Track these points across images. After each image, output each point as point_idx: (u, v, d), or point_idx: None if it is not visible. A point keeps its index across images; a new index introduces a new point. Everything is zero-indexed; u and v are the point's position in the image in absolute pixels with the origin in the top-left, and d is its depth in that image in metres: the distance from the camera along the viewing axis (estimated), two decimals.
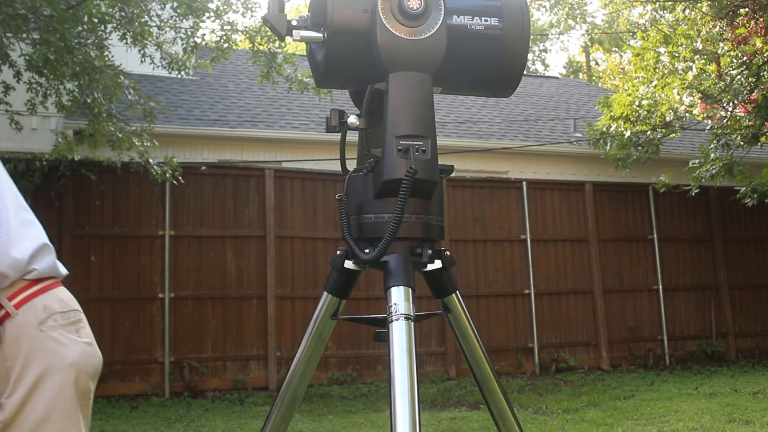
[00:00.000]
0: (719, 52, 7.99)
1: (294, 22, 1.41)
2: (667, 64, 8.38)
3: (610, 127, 9.07)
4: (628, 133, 8.81)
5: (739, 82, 7.89)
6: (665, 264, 9.43)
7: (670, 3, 8.89)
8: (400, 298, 1.32)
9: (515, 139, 10.78)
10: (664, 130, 8.85)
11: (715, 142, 8.26)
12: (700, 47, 8.03)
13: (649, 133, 8.87)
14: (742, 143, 8.10)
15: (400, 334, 1.28)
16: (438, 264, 1.45)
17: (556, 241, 9.03)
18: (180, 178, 7.25)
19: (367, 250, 1.37)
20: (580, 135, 11.03)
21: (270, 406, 1.58)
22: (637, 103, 8.64)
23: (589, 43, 26.22)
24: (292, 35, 1.41)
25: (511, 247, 8.81)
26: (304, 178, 8.12)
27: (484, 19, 1.43)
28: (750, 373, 8.25)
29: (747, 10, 7.46)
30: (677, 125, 8.81)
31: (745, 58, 7.76)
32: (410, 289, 1.33)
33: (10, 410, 1.45)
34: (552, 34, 26.92)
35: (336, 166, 3.00)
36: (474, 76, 1.50)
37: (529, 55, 25.40)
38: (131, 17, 6.61)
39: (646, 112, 8.65)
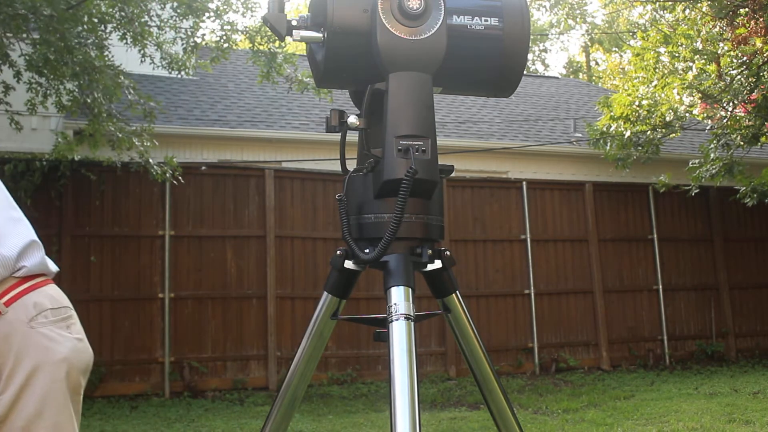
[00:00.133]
0: (719, 52, 7.99)
1: (294, 22, 1.41)
2: (667, 64, 8.38)
3: (610, 127, 9.08)
4: (628, 133, 8.82)
5: (739, 82, 7.89)
6: (665, 264, 9.43)
7: (670, 3, 8.88)
8: (400, 298, 1.32)
9: (515, 139, 10.78)
10: (664, 130, 8.86)
11: (715, 142, 8.26)
12: (700, 47, 8.03)
13: (649, 133, 8.87)
14: (742, 143, 8.10)
15: (400, 334, 1.28)
16: (438, 264, 1.45)
17: (556, 241, 9.03)
18: (180, 178, 7.25)
19: (367, 250, 1.37)
20: (580, 135, 11.03)
21: (270, 406, 1.58)
22: (637, 103, 8.64)
23: (589, 43, 26.22)
24: (292, 35, 1.41)
25: (511, 247, 8.81)
26: (304, 178, 8.12)
27: (484, 19, 1.43)
28: (750, 373, 8.25)
29: (747, 10, 7.46)
30: (677, 125, 8.82)
31: (745, 58, 7.76)
32: (410, 289, 1.33)
33: (3, 407, 1.46)
34: (552, 34, 26.92)
35: (336, 166, 3.00)
36: (474, 76, 1.50)
37: (529, 55, 25.39)
38: (131, 17, 6.61)
39: (646, 112, 8.65)
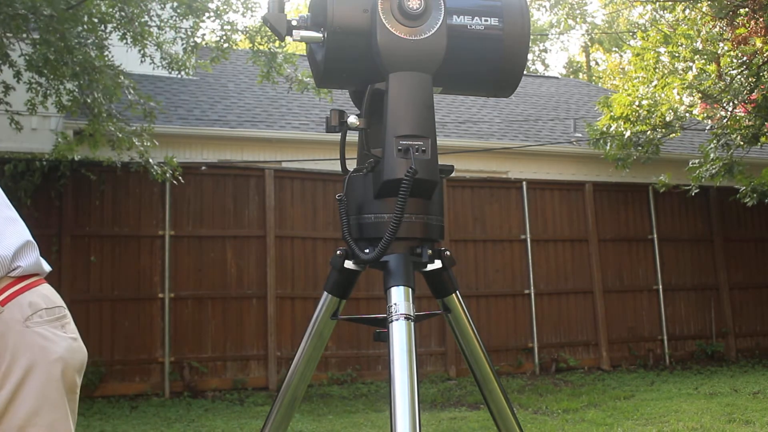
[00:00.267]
0: (719, 52, 7.99)
1: (294, 22, 1.41)
2: (667, 64, 8.38)
3: (610, 127, 9.08)
4: (628, 133, 8.82)
5: (739, 82, 7.89)
6: (665, 264, 9.43)
7: (670, 3, 8.88)
8: (400, 298, 1.32)
9: (515, 139, 10.78)
10: (664, 130, 8.85)
11: (715, 142, 8.26)
12: (700, 47, 8.03)
13: (649, 133, 8.87)
14: (742, 143, 8.10)
15: (400, 334, 1.28)
16: (438, 264, 1.45)
17: (556, 241, 9.03)
18: (180, 178, 7.25)
19: (367, 250, 1.37)
20: (580, 135, 11.03)
21: (270, 406, 1.58)
22: (637, 103, 8.64)
23: (589, 43, 26.22)
24: (292, 35, 1.41)
25: (511, 247, 8.81)
26: (304, 178, 8.12)
27: (484, 19, 1.43)
28: (750, 373, 8.25)
29: (747, 10, 7.46)
30: (677, 125, 8.81)
31: (745, 58, 7.76)
32: (410, 289, 1.33)
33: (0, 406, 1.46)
34: (552, 34, 26.92)
35: (336, 166, 3.00)
36: (474, 76, 1.50)
37: (529, 55, 25.38)
38: (131, 17, 6.61)
39: (646, 112, 8.65)
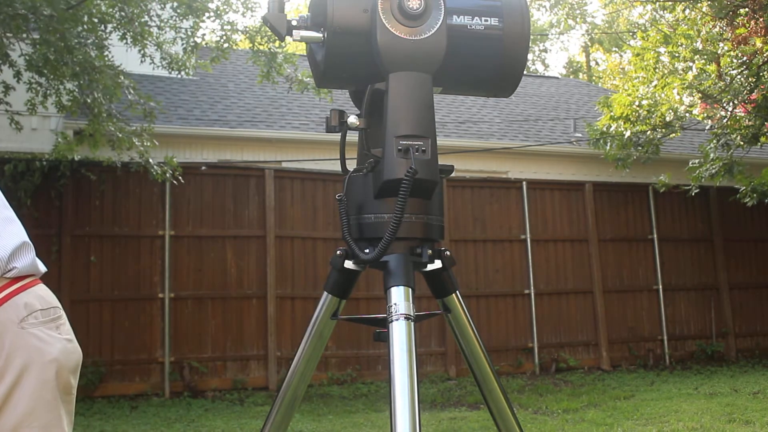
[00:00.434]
0: (719, 52, 7.99)
1: (294, 22, 1.41)
2: (667, 64, 8.38)
3: (610, 127, 9.07)
4: (628, 133, 8.81)
5: (739, 82, 7.89)
6: (665, 264, 9.43)
7: (670, 3, 8.88)
8: (400, 298, 1.31)
9: (515, 139, 10.79)
10: (664, 130, 8.85)
11: (715, 142, 8.26)
12: (700, 47, 8.03)
13: (649, 133, 8.87)
14: (742, 143, 8.10)
15: (400, 334, 1.28)
16: (438, 264, 1.45)
17: (556, 241, 9.03)
18: (180, 178, 7.25)
19: (367, 250, 1.37)
20: (580, 135, 11.03)
21: (270, 406, 1.58)
22: (637, 103, 8.64)
23: (589, 43, 26.22)
24: (292, 35, 1.41)
25: (511, 247, 8.81)
26: (304, 178, 8.12)
27: (484, 19, 1.43)
28: (750, 373, 8.25)
29: (747, 10, 7.46)
30: (677, 125, 8.81)
31: (745, 58, 7.76)
32: (410, 289, 1.33)
33: None
34: (552, 34, 26.92)
35: (336, 166, 3.00)
36: (474, 76, 1.49)
37: (529, 55, 25.39)
38: (131, 17, 6.61)
39: (646, 112, 8.65)
